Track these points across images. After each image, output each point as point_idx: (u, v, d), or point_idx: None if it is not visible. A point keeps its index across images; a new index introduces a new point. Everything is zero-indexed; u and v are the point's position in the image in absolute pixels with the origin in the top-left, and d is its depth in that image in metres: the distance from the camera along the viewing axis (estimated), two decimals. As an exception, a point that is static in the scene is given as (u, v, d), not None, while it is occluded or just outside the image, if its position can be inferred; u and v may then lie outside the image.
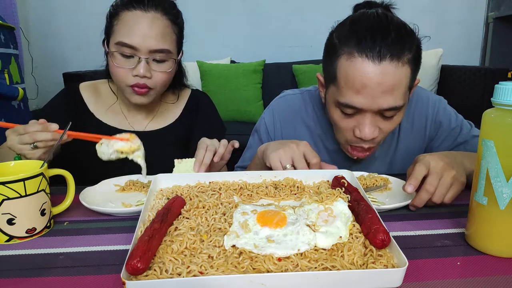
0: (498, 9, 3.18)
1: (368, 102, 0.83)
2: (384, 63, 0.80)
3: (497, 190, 0.58)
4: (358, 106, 0.84)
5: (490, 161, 0.58)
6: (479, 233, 0.62)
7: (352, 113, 0.87)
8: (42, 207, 0.68)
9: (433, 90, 2.92)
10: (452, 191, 0.74)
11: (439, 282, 0.54)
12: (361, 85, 0.81)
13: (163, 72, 1.02)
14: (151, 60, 0.99)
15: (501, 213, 0.58)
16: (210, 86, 2.91)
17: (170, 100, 1.21)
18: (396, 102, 0.83)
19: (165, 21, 1.01)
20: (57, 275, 0.56)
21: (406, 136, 1.07)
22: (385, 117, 0.87)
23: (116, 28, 0.99)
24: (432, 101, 1.07)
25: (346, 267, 0.52)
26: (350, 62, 0.83)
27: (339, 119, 0.91)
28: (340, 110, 0.89)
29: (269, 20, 3.27)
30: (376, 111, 0.85)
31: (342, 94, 0.85)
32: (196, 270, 0.51)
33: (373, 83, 0.80)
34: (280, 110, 1.12)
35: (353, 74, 0.82)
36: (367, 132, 0.86)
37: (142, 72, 0.97)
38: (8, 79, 1.93)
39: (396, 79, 0.81)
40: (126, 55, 0.98)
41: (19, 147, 0.82)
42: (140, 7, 0.98)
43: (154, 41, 0.97)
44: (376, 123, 0.87)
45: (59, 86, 2.78)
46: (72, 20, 3.14)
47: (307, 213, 0.63)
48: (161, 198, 0.73)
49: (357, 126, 0.88)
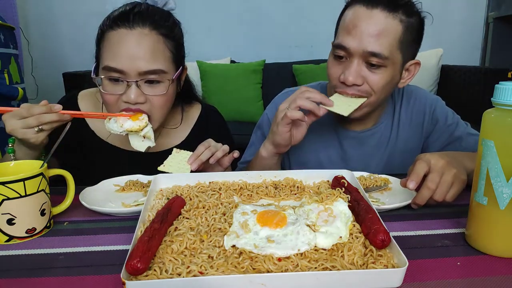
0: (498, 9, 3.18)
1: (356, 42, 0.90)
2: (376, 11, 0.90)
3: (497, 190, 0.58)
4: (347, 46, 0.91)
5: (490, 161, 0.58)
6: (479, 233, 0.62)
7: (341, 56, 0.94)
8: (42, 207, 0.68)
9: (433, 90, 2.92)
10: (454, 189, 0.74)
11: (439, 282, 0.54)
12: (352, 26, 0.91)
13: (158, 96, 0.90)
14: (142, 83, 0.88)
15: (501, 213, 0.58)
16: (210, 86, 2.91)
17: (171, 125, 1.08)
18: (381, 50, 0.89)
19: (155, 36, 0.89)
20: (57, 275, 0.56)
21: (404, 130, 1.10)
22: (370, 66, 0.92)
23: (102, 51, 0.90)
24: (429, 100, 1.11)
25: (346, 267, 0.52)
26: (351, 9, 0.94)
27: (331, 65, 0.97)
28: (333, 56, 0.96)
29: (269, 20, 3.26)
30: (361, 54, 0.90)
31: (337, 36, 0.95)
32: (196, 270, 0.51)
33: (362, 25, 0.89)
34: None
35: (349, 17, 0.93)
36: (350, 75, 0.91)
37: (132, 98, 0.87)
38: (8, 79, 1.93)
39: (383, 26, 0.89)
40: (115, 79, 0.88)
41: (23, 131, 0.78)
42: (125, 25, 0.87)
43: (143, 61, 0.86)
44: (361, 72, 0.92)
45: (59, 86, 2.78)
46: (72, 20, 3.14)
47: (307, 213, 0.63)
48: (161, 198, 0.73)
49: (342, 72, 0.94)
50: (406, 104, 1.10)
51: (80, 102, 1.06)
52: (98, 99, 1.07)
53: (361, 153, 1.10)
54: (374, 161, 1.10)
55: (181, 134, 1.10)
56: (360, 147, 1.10)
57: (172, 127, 1.08)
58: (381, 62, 0.90)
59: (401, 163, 1.09)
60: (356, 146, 1.10)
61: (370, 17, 0.89)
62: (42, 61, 3.16)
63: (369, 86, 0.93)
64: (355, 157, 1.10)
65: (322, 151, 1.11)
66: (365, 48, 0.89)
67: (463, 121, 1.10)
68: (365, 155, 1.10)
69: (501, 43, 3.23)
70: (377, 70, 0.92)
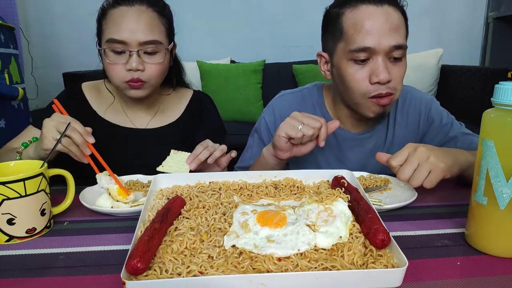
0: (498, 9, 3.18)
1: (379, 40, 0.89)
2: (385, 6, 0.91)
3: (497, 190, 0.58)
4: (371, 46, 0.90)
5: (490, 161, 0.58)
6: (479, 233, 0.62)
7: (364, 59, 0.92)
8: (42, 207, 0.68)
9: (433, 90, 2.92)
10: (432, 175, 0.74)
11: (439, 282, 0.54)
12: (370, 26, 0.90)
13: (156, 64, 1.02)
14: (142, 53, 1.00)
15: (501, 213, 0.58)
16: (210, 86, 2.91)
17: (166, 92, 1.20)
18: (403, 40, 0.92)
19: (151, 13, 1.02)
20: (57, 275, 0.56)
21: (400, 130, 1.10)
22: (393, 60, 0.93)
23: (105, 27, 1.01)
24: (424, 100, 1.12)
25: (346, 267, 0.52)
26: (355, 11, 0.92)
27: (353, 71, 0.94)
28: (353, 62, 0.93)
29: (269, 20, 3.26)
30: (386, 50, 0.90)
31: (354, 41, 0.92)
32: (196, 270, 0.51)
33: (380, 22, 0.90)
34: (280, 107, 1.14)
35: (360, 18, 0.91)
36: (383, 73, 0.90)
37: (134, 65, 0.98)
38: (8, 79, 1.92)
39: (397, 19, 0.92)
40: (118, 51, 0.99)
41: (51, 129, 0.85)
42: (125, 3, 1.00)
43: (142, 33, 0.99)
44: (388, 68, 0.92)
45: (59, 86, 2.78)
46: (72, 20, 3.14)
47: (307, 213, 0.63)
48: (161, 198, 0.73)
49: (372, 73, 0.92)
50: (401, 104, 1.11)
51: (84, 90, 1.16)
52: (99, 89, 1.17)
53: (359, 155, 1.10)
54: (372, 162, 1.10)
55: (177, 110, 1.21)
56: (358, 149, 1.10)
57: (165, 94, 1.20)
58: (402, 53, 0.93)
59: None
60: (354, 148, 1.10)
61: (384, 14, 0.90)
62: (42, 61, 3.16)
63: (395, 80, 0.93)
64: (353, 159, 1.10)
65: (319, 153, 1.10)
66: (390, 43, 0.90)
67: (457, 121, 1.11)
68: (363, 157, 1.10)
69: (501, 43, 3.22)
70: (398, 63, 0.93)
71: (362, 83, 0.94)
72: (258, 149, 1.12)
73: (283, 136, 0.88)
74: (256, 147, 1.14)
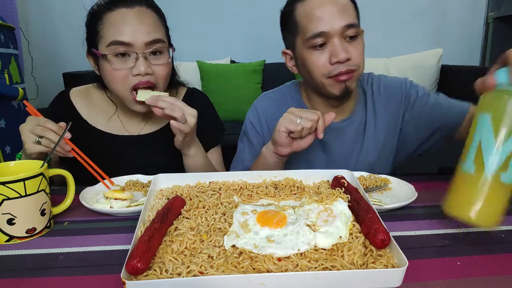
0: (498, 9, 3.18)
1: (331, 23, 0.94)
2: None
3: (487, 160, 0.60)
4: (325, 30, 0.94)
5: (484, 133, 0.61)
6: (462, 201, 0.63)
7: (322, 43, 0.96)
8: (42, 207, 0.68)
9: (433, 90, 2.92)
10: None
11: (439, 282, 0.54)
12: (320, 12, 0.95)
13: (163, 64, 0.98)
14: (148, 54, 0.95)
15: (487, 181, 0.60)
16: (210, 86, 2.91)
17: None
18: (353, 19, 0.96)
19: (151, 13, 1.00)
20: (57, 275, 0.56)
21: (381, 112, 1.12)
22: (350, 39, 0.96)
23: (103, 32, 0.95)
24: (399, 81, 1.16)
25: (346, 267, 0.52)
26: (305, 3, 0.98)
27: (314, 58, 0.98)
28: (312, 49, 0.97)
29: (269, 20, 3.23)
30: (340, 31, 0.94)
31: (309, 29, 0.96)
32: (196, 270, 0.51)
33: (328, 7, 0.95)
34: (262, 106, 1.17)
35: (311, 8, 0.96)
36: (342, 53, 0.94)
37: (143, 69, 0.93)
38: (8, 79, 1.92)
39: (344, 1, 0.96)
40: (122, 54, 0.94)
41: (27, 134, 0.85)
42: (124, 5, 0.96)
43: (147, 33, 0.95)
44: (345, 47, 0.95)
45: (59, 86, 2.78)
46: (72, 20, 3.09)
47: (307, 213, 0.63)
48: (161, 198, 0.73)
49: (331, 55, 0.96)
50: (377, 89, 1.13)
51: (73, 99, 1.11)
52: (89, 95, 1.12)
53: (342, 143, 1.11)
54: (357, 147, 1.12)
55: None
56: (341, 137, 1.11)
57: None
58: (356, 31, 0.96)
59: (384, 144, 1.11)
60: (338, 137, 1.11)
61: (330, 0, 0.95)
62: (42, 61, 3.16)
63: (354, 58, 0.96)
64: (337, 147, 1.11)
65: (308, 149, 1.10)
66: (341, 24, 0.94)
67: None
68: (347, 144, 1.12)
69: (501, 43, 3.22)
70: (355, 41, 0.97)
71: (322, 66, 0.98)
72: (250, 152, 1.14)
73: (283, 131, 0.88)
74: (247, 149, 1.15)
